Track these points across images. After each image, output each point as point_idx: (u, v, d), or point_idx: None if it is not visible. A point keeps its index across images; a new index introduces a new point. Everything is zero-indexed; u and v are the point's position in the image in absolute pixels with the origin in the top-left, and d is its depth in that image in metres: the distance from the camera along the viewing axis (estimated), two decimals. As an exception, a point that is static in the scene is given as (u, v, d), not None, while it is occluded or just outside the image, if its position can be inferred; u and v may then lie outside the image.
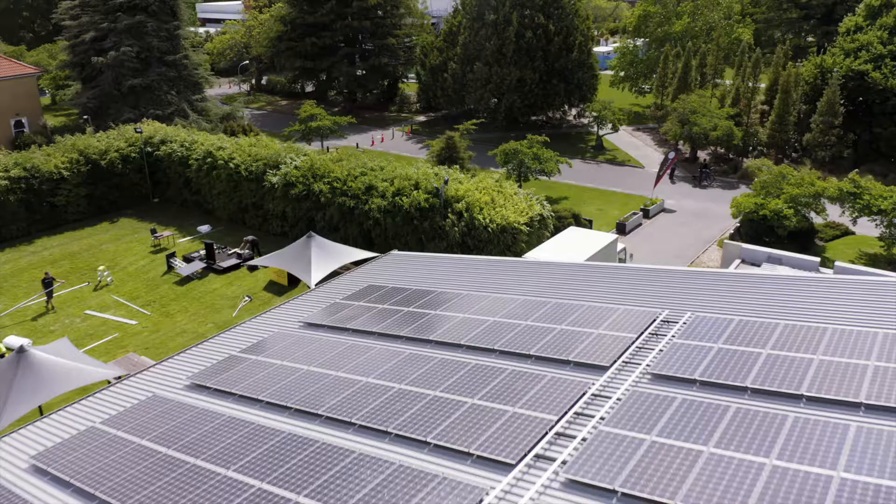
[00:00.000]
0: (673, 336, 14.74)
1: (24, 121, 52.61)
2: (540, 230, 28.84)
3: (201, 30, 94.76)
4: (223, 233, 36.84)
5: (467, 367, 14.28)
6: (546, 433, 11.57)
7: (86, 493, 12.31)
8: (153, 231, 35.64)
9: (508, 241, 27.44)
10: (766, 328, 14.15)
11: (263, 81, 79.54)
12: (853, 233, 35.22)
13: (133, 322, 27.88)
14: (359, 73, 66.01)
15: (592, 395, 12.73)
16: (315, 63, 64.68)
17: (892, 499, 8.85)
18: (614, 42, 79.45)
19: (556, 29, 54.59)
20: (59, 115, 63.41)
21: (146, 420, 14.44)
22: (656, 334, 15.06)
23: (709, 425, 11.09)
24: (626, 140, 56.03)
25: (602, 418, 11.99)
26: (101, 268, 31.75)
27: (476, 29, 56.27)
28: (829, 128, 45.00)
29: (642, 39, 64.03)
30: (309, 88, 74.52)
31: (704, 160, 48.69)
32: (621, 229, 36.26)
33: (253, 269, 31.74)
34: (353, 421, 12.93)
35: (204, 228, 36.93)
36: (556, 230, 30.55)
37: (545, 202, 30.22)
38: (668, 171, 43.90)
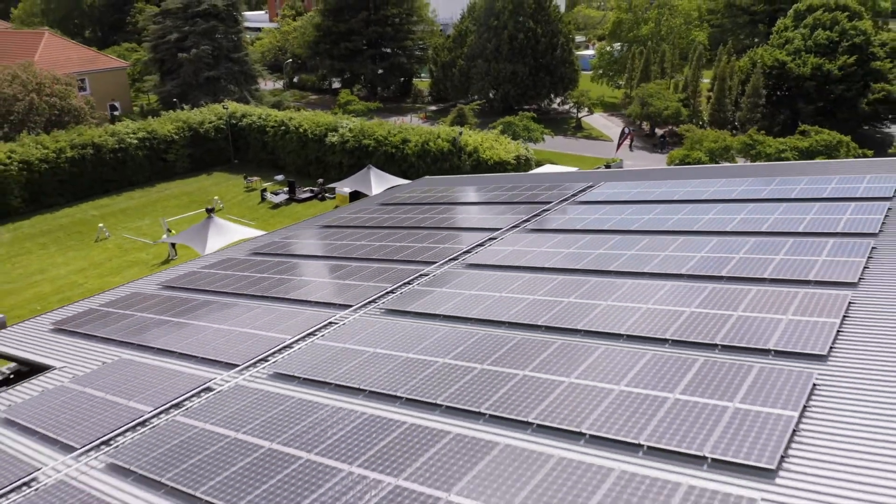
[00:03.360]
0: (594, 191, 27.55)
1: (116, 104, 65.58)
2: (525, 166, 41.70)
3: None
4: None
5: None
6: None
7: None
8: (245, 177, 48.53)
9: (501, 171, 40.25)
10: (646, 185, 26.93)
11: (296, 79, 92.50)
12: (758, 178, 47.85)
13: (246, 229, 40.57)
14: (379, 71, 79.02)
15: (544, 210, 25.52)
16: (344, 64, 77.68)
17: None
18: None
19: (542, 32, 67.61)
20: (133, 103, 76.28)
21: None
22: (584, 191, 27.88)
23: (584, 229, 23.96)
24: (601, 123, 68.98)
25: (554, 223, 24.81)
26: (215, 198, 44.55)
27: (481, 32, 69.37)
28: (755, 107, 57.85)
29: (619, 44, 77.13)
30: (336, 85, 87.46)
31: (663, 134, 61.57)
32: (588, 176, 49.00)
33: (322, 198, 44.57)
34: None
35: (279, 177, 49.71)
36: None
37: (528, 147, 43.14)
38: (628, 142, 56.70)
